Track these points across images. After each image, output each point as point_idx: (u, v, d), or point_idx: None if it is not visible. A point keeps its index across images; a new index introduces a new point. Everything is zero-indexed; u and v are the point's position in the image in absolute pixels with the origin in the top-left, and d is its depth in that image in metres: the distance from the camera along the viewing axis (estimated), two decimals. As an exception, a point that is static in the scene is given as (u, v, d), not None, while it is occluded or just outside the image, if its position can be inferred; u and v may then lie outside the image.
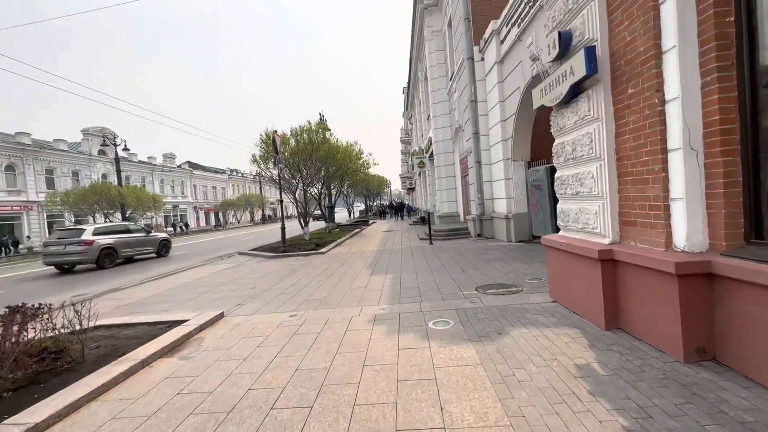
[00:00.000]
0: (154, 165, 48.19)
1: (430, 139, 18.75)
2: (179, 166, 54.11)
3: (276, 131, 12.76)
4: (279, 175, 12.95)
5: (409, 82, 29.24)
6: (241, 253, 13.75)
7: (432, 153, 18.29)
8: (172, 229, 47.58)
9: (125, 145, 31.02)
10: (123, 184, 35.99)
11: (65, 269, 12.88)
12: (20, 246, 29.05)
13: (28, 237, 31.38)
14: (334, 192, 24.71)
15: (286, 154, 15.54)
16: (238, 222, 56.09)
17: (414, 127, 32.37)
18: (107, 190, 27.10)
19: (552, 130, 4.49)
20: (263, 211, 60.46)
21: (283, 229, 12.96)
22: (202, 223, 56.00)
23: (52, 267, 13.18)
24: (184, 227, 50.20)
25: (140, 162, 46.10)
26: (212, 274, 9.30)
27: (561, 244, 4.20)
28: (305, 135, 15.14)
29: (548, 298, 4.68)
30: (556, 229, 10.13)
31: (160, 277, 9.53)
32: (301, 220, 16.18)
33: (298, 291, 6.49)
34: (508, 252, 8.76)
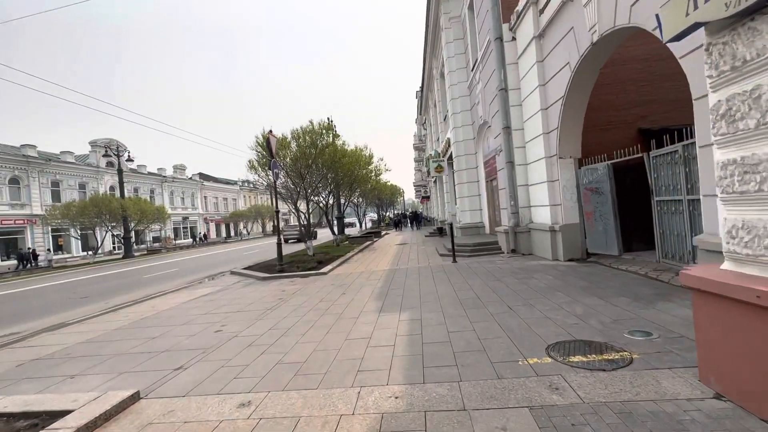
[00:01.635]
0: (164, 176, 47.56)
1: (448, 141, 16.75)
2: (190, 178, 53.51)
3: (270, 131, 11.03)
4: (275, 182, 11.16)
5: (422, 84, 27.45)
6: (233, 272, 11.93)
7: (451, 156, 16.25)
8: (192, 240, 48.24)
9: (129, 156, 30.12)
10: (131, 195, 35.20)
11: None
12: (40, 258, 28.06)
13: (48, 250, 30.51)
14: (343, 201, 22.91)
15: (287, 159, 13.81)
16: (248, 234, 54.87)
17: (428, 132, 30.46)
18: (107, 203, 25.97)
19: (710, 75, 2.41)
20: (275, 222, 59.19)
21: (279, 244, 11.10)
22: (213, 235, 55.00)
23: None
24: (203, 238, 49.64)
25: (150, 174, 45.50)
26: (183, 305, 7.42)
27: (741, 292, 2.11)
28: (307, 137, 13.36)
29: (702, 389, 2.55)
30: (624, 243, 7.55)
31: (119, 307, 7.72)
32: (303, 232, 14.30)
33: (273, 341, 4.51)
34: (562, 276, 6.60)
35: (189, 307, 7.16)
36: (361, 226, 33.74)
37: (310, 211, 14.68)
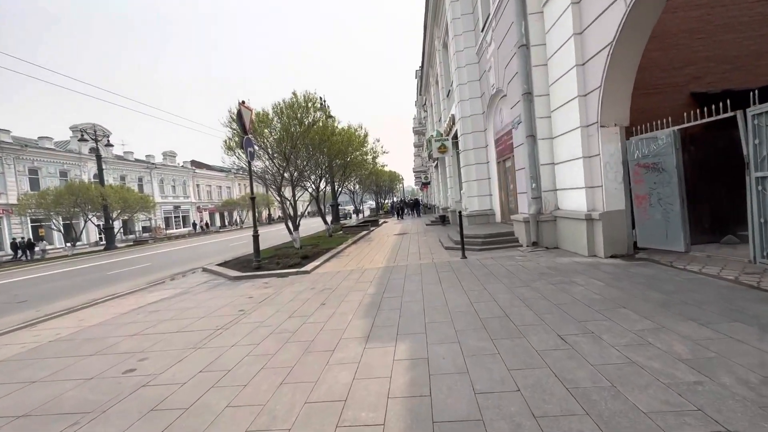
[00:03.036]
0: (153, 164, 45.54)
1: (452, 118, 14.88)
2: (182, 166, 51.47)
3: (243, 102, 9.21)
4: (249, 163, 9.38)
5: (422, 61, 25.30)
6: (205, 269, 10.25)
7: (456, 134, 14.40)
8: (192, 228, 47.23)
9: (108, 141, 28.18)
10: (111, 183, 33.34)
11: None
12: (36, 249, 26.34)
13: (41, 239, 28.78)
14: (337, 188, 21.14)
15: (270, 139, 11.99)
16: (242, 223, 53.17)
17: (429, 114, 28.45)
18: (85, 191, 24.14)
19: None
20: (269, 211, 57.40)
21: (255, 238, 9.39)
22: (207, 224, 53.23)
23: None
24: (204, 227, 48.84)
25: (137, 161, 43.49)
26: (118, 318, 5.76)
27: None
28: (290, 111, 11.51)
29: None
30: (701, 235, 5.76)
31: (40, 320, 6.04)
32: (289, 223, 12.59)
33: (194, 399, 2.84)
34: (615, 281, 4.91)
35: (122, 322, 5.49)
36: (358, 215, 31.97)
37: (296, 198, 12.92)
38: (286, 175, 12.48)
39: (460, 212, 8.24)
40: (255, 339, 4.12)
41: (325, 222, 16.67)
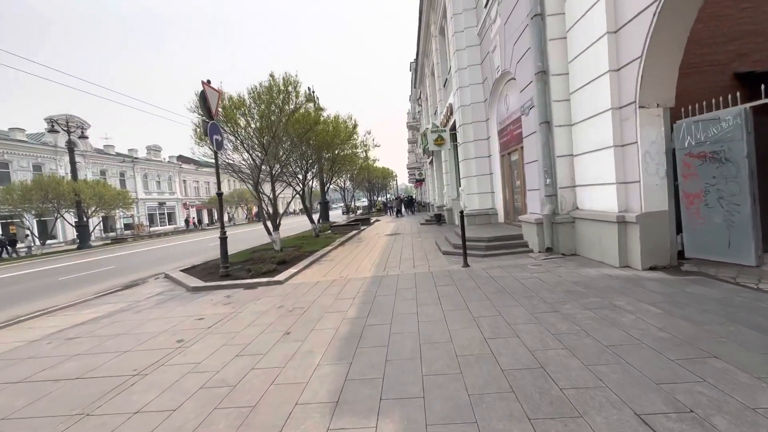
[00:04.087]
0: (136, 158, 43.61)
1: (450, 108, 13.61)
2: (168, 161, 49.55)
3: (208, 81, 7.84)
4: (215, 153, 8.02)
5: (417, 52, 23.96)
6: (166, 276, 8.87)
7: (454, 126, 13.15)
8: (185, 225, 46.75)
9: (83, 132, 26.46)
10: (86, 178, 31.57)
11: None
12: (18, 246, 24.58)
13: (27, 235, 26.98)
14: (326, 183, 19.80)
15: (250, 127, 10.62)
16: (231, 220, 51.48)
17: (423, 107, 27.17)
18: (56, 185, 22.45)
19: None
20: (260, 207, 55.61)
21: (223, 240, 8.04)
22: (194, 222, 51.38)
23: None
24: (197, 223, 48.05)
25: (119, 154, 41.54)
26: (11, 351, 4.39)
27: None
28: (267, 97, 10.13)
29: None
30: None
31: None
32: (267, 222, 11.25)
33: None
34: (675, 308, 3.67)
35: (15, 358, 4.13)
36: (348, 212, 30.63)
37: (277, 194, 11.56)
38: (264, 168, 11.14)
39: (462, 213, 6.98)
40: (173, 399, 2.82)
41: (312, 221, 15.32)
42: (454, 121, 12.88)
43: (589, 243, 6.22)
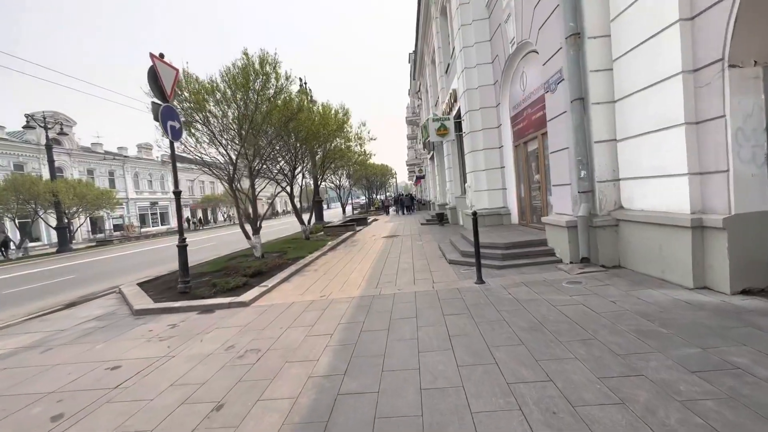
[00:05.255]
0: (126, 156, 42.13)
1: (453, 94, 12.13)
2: (162, 160, 48.03)
3: (161, 55, 6.38)
4: (171, 144, 6.57)
5: (416, 39, 22.40)
6: (120, 291, 7.44)
7: (459, 114, 11.68)
8: (187, 224, 44.19)
9: (62, 129, 25.00)
10: (82, 178, 30.16)
11: None
12: (11, 249, 23.37)
13: (25, 238, 25.76)
14: (319, 180, 18.36)
15: (226, 117, 9.18)
16: (224, 220, 50.02)
17: (423, 99, 25.68)
18: (30, 185, 21.00)
19: None
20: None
21: (181, 249, 6.57)
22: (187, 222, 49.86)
23: None
24: (197, 222, 46.51)
25: (107, 152, 40.05)
26: None
27: None
28: (243, 80, 8.64)
29: None
30: None
31: None
32: (245, 225, 9.81)
33: None
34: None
35: None
36: (344, 212, 29.18)
37: (255, 194, 10.10)
38: (241, 163, 9.70)
39: (474, 214, 5.52)
40: None
41: (301, 222, 13.87)
42: (459, 109, 11.41)
43: (643, 253, 4.77)
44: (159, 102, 6.46)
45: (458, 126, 11.97)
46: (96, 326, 5.16)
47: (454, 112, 12.43)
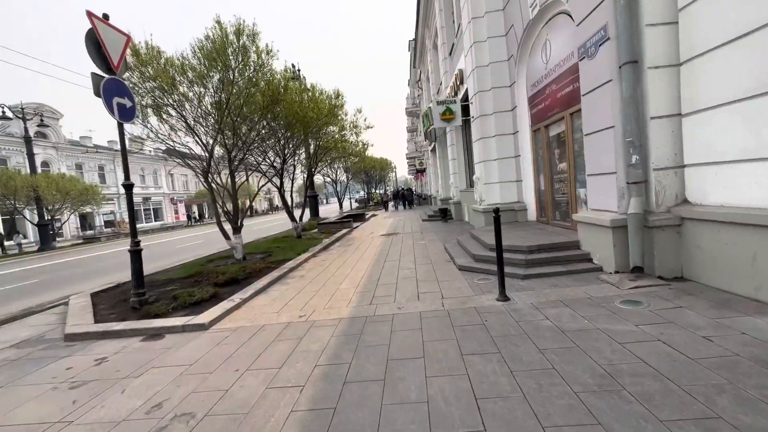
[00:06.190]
0: (116, 150, 40.74)
1: (459, 75, 10.85)
2: (155, 154, 46.66)
3: (104, 15, 5.15)
4: (120, 127, 5.37)
5: (417, 23, 21.00)
6: (68, 303, 6.26)
7: (466, 97, 10.43)
8: (187, 220, 45.39)
9: (42, 120, 23.70)
10: (69, 172, 28.90)
11: None
12: (6, 244, 22.61)
13: (17, 233, 24.87)
14: (314, 171, 17.17)
15: (203, 102, 7.97)
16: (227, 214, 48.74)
17: (424, 88, 24.33)
18: (7, 180, 19.77)
19: None
20: (251, 203, 52.94)
21: (134, 254, 5.39)
22: (183, 217, 48.71)
23: None
24: (197, 218, 46.97)
25: (96, 146, 38.70)
26: None
27: None
28: (215, 54, 7.38)
29: None
30: None
31: None
32: (223, 224, 8.64)
33: None
34: None
35: None
36: (341, 207, 27.96)
37: (236, 187, 8.88)
38: (218, 152, 8.52)
39: (496, 212, 4.30)
40: None
41: (292, 218, 12.67)
42: (466, 91, 10.16)
43: (724, 263, 3.58)
44: (101, 74, 5.21)
45: (465, 111, 10.71)
46: (7, 358, 3.99)
47: (460, 95, 11.17)
